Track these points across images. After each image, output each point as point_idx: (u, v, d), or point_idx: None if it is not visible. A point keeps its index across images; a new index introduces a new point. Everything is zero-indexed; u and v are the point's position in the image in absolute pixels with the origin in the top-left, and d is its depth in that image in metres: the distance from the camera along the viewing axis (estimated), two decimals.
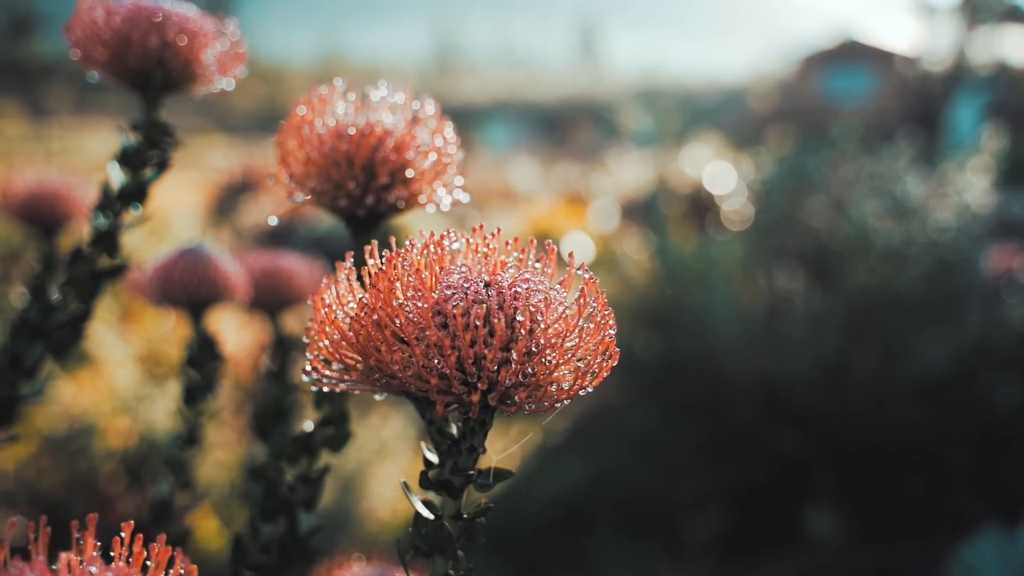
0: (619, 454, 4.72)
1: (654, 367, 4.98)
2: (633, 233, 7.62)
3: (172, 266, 1.37)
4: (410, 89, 0.96)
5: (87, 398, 4.20)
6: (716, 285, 4.90)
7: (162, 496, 1.16)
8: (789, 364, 4.33)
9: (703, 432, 4.52)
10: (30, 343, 1.02)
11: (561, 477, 4.66)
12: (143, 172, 1.06)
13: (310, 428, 0.94)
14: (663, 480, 4.42)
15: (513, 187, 13.47)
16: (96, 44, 1.02)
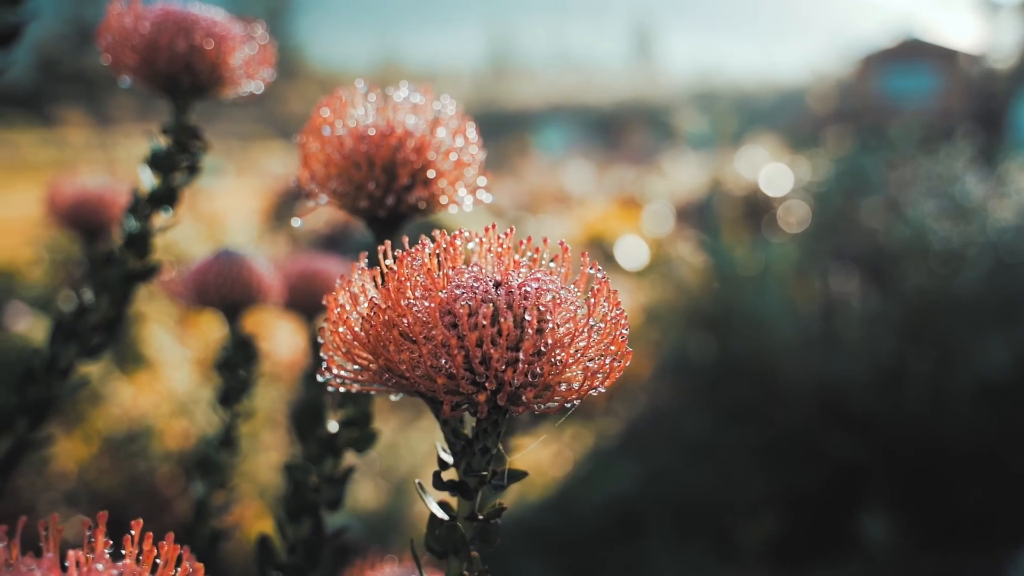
0: (673, 458, 4.68)
1: (708, 370, 4.94)
2: (687, 236, 7.57)
3: (207, 269, 1.39)
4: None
5: (145, 401, 4.28)
6: (770, 288, 4.85)
7: (199, 497, 1.18)
8: (844, 368, 4.26)
9: (757, 436, 4.46)
10: (64, 345, 1.04)
11: (614, 481, 4.64)
12: (174, 176, 1.07)
13: (334, 429, 0.94)
14: (717, 484, 4.38)
15: (567, 191, 13.45)
16: (126, 49, 1.03)
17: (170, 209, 1.08)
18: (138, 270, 1.07)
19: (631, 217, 9.88)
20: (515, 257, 0.68)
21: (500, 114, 33.94)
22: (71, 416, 4.12)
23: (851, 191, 5.54)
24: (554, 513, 4.57)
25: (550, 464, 5.15)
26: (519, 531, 4.35)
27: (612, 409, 5.79)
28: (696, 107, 22.73)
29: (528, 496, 4.78)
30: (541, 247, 0.69)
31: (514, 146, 20.36)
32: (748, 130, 14.40)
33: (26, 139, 23.51)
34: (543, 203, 12.28)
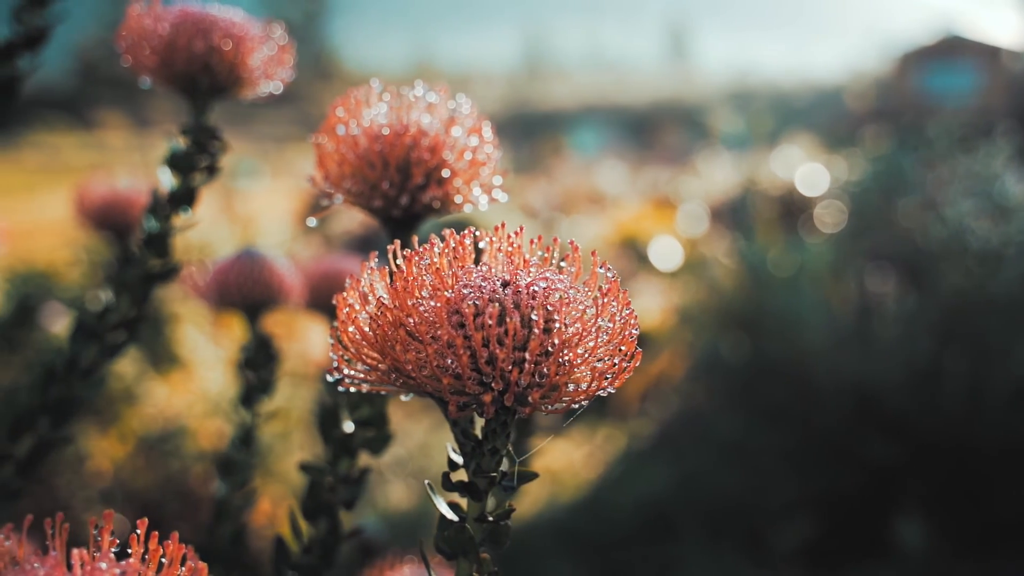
0: (705, 459, 4.65)
1: (741, 371, 4.91)
2: (722, 237, 7.53)
3: (228, 269, 1.40)
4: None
5: (180, 400, 4.32)
6: (804, 288, 4.81)
7: (220, 496, 1.18)
8: (879, 369, 4.22)
9: (790, 438, 4.43)
10: (85, 344, 1.05)
11: (646, 482, 4.62)
12: (193, 176, 1.08)
13: (350, 430, 0.94)
14: (749, 486, 4.35)
15: (601, 191, 13.42)
16: (145, 50, 1.04)
17: (189, 209, 1.09)
18: (158, 270, 1.08)
19: (665, 218, 9.83)
20: (525, 256, 0.67)
21: (534, 115, 33.93)
22: (107, 415, 4.17)
23: (888, 190, 5.48)
24: (586, 514, 4.56)
25: (582, 465, 5.14)
26: (551, 532, 4.35)
27: (645, 410, 5.77)
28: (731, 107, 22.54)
29: (560, 497, 4.77)
30: (552, 246, 0.68)
31: (548, 147, 20.34)
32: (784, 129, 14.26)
33: (66, 142, 23.84)
34: (577, 204, 12.26)
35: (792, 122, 19.17)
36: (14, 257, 5.50)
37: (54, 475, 4.02)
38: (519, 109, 36.41)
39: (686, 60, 63.37)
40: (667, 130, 24.61)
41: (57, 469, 4.02)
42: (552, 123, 28.98)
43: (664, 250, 7.95)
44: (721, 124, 15.62)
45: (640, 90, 40.45)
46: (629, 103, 36.48)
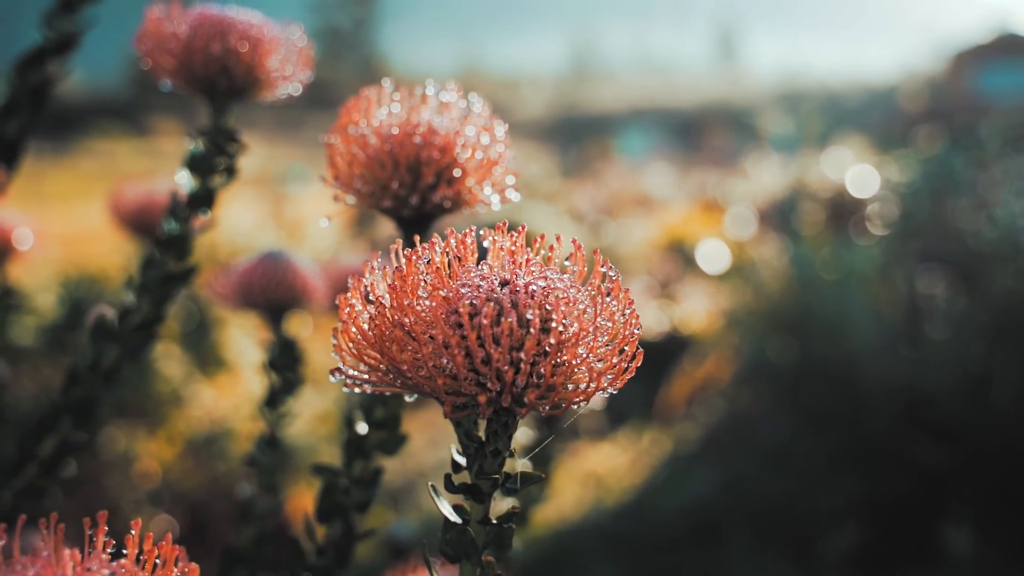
0: (751, 464, 4.61)
1: (788, 375, 4.85)
2: (770, 239, 7.45)
3: (252, 271, 1.40)
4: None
5: (226, 403, 4.37)
6: (853, 290, 4.74)
7: (244, 498, 1.19)
8: (929, 372, 4.14)
9: (838, 442, 4.37)
10: (106, 346, 1.06)
11: (692, 487, 4.58)
12: (212, 178, 1.08)
13: (363, 431, 0.94)
14: (796, 491, 4.29)
15: (648, 194, 13.34)
16: (164, 53, 1.05)
17: (208, 211, 1.09)
18: (177, 272, 1.08)
19: (713, 220, 9.76)
20: (528, 255, 0.66)
21: (581, 118, 33.87)
22: (155, 418, 4.23)
23: (939, 192, 5.40)
24: (631, 518, 4.53)
25: (627, 469, 5.11)
26: (595, 536, 4.33)
27: (691, 414, 5.73)
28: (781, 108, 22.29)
29: (605, 501, 4.75)
30: (556, 245, 0.67)
31: (595, 150, 20.30)
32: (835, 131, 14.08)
33: (121, 148, 24.26)
34: (624, 207, 12.21)
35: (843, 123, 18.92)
36: (68, 262, 5.61)
37: (103, 475, 4.09)
38: (566, 112, 36.37)
39: (735, 62, 62.87)
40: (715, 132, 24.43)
41: (106, 470, 4.09)
42: (599, 126, 28.91)
43: (711, 253, 7.89)
44: (770, 126, 15.48)
45: (688, 92, 40.19)
46: (677, 106, 36.27)
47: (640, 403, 6.06)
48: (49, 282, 5.10)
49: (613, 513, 4.63)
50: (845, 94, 37.47)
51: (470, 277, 0.62)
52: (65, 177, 18.16)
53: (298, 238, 6.89)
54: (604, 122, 31.32)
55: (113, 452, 4.08)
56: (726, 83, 46.49)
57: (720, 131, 24.64)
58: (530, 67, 61.93)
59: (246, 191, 10.65)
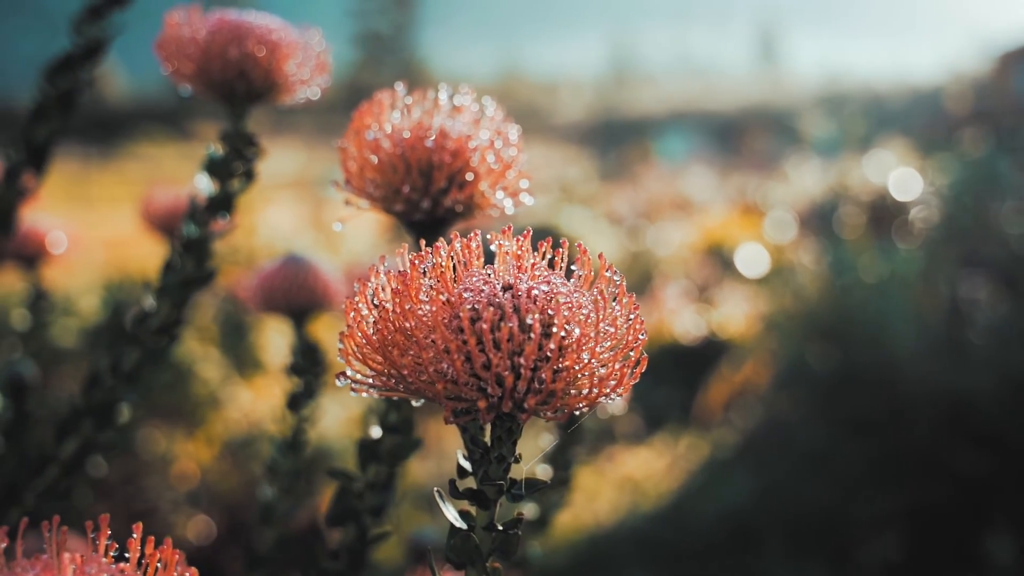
0: (789, 470, 4.56)
1: (826, 381, 4.80)
2: (810, 243, 7.39)
3: (274, 275, 1.41)
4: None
5: (263, 405, 4.40)
6: (893, 295, 4.68)
7: (265, 501, 1.19)
8: (971, 378, 4.08)
9: (877, 449, 4.31)
10: (127, 349, 1.07)
11: (729, 492, 4.55)
12: (230, 182, 1.09)
13: (377, 435, 0.94)
14: (834, 498, 4.24)
15: (688, 198, 13.28)
16: (183, 58, 1.06)
17: (227, 215, 1.10)
18: (196, 275, 1.09)
19: (752, 224, 9.69)
20: (534, 259, 0.66)
21: (621, 121, 33.77)
22: (193, 419, 4.27)
23: (983, 195, 5.32)
24: (666, 524, 4.51)
25: (664, 474, 5.09)
26: (631, 541, 4.32)
27: (729, 419, 5.69)
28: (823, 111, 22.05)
29: (641, 506, 4.73)
30: (562, 250, 0.67)
31: (634, 153, 20.23)
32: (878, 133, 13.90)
33: (166, 153, 24.56)
34: (662, 210, 12.16)
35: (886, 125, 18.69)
36: (111, 265, 5.69)
37: (142, 476, 4.13)
38: (606, 116, 36.28)
39: (776, 64, 62.33)
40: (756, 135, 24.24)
41: (145, 470, 4.14)
42: (639, 130, 28.80)
43: (750, 257, 7.84)
44: (812, 128, 15.33)
45: (728, 95, 39.92)
46: (717, 108, 36.04)
47: (677, 408, 6.03)
48: (93, 285, 5.18)
49: (649, 518, 4.60)
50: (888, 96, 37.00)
51: (473, 281, 0.61)
52: (111, 181, 18.43)
53: (336, 242, 6.93)
54: (643, 125, 31.20)
55: (152, 453, 4.13)
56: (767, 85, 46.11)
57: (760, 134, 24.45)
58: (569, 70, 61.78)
59: (285, 195, 10.74)
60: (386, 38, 46.03)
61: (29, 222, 1.92)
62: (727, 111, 34.67)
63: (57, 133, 1.29)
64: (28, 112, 1.26)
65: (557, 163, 18.55)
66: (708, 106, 37.12)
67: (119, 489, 4.13)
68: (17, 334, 1.76)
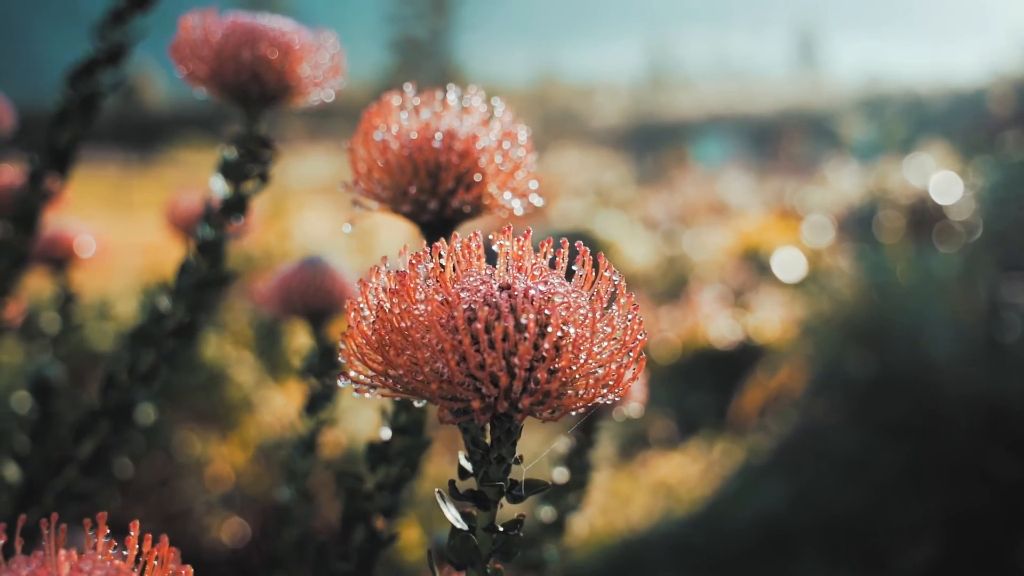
0: (824, 476, 4.52)
1: (863, 386, 4.75)
2: (848, 247, 7.32)
3: (291, 277, 1.41)
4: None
5: (296, 408, 4.42)
6: (931, 299, 4.63)
7: (283, 502, 1.20)
8: (1010, 383, 4.02)
9: (914, 454, 4.26)
10: (143, 350, 1.08)
11: (763, 498, 4.52)
12: (244, 185, 1.10)
13: (387, 436, 0.94)
14: (870, 504, 4.20)
15: (724, 202, 13.19)
16: (197, 61, 1.07)
17: (241, 217, 1.11)
18: (210, 278, 1.10)
19: (789, 228, 9.61)
20: (533, 260, 0.65)
21: (657, 125, 33.63)
22: (227, 422, 4.31)
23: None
24: (700, 529, 4.48)
25: (698, 479, 5.06)
26: (664, 546, 4.30)
27: (764, 424, 5.64)
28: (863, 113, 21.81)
29: (675, 511, 4.71)
30: (563, 250, 0.66)
31: (671, 157, 20.15)
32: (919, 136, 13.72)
33: (204, 159, 24.80)
34: (698, 215, 12.10)
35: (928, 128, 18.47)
36: (149, 270, 5.76)
37: (177, 478, 4.17)
38: (642, 120, 36.14)
39: (815, 67, 61.79)
40: (794, 139, 24.03)
41: (181, 473, 4.18)
42: (675, 133, 28.68)
43: (787, 261, 7.78)
44: (851, 132, 15.17)
45: (766, 99, 39.60)
46: (755, 112, 35.77)
47: (712, 412, 6.00)
48: (130, 289, 5.24)
49: (682, 523, 4.58)
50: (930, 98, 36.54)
51: (471, 281, 0.61)
52: (151, 187, 18.65)
53: (370, 245, 6.96)
54: (680, 129, 31.06)
55: (187, 456, 4.17)
56: (806, 88, 45.67)
57: (798, 138, 24.23)
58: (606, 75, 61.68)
59: (321, 199, 10.79)
60: (423, 43, 46.22)
61: (58, 226, 1.95)
62: (765, 114, 34.39)
63: (80, 137, 1.31)
64: (51, 116, 1.28)
65: (593, 167, 18.51)
66: (745, 109, 36.85)
67: (155, 491, 4.17)
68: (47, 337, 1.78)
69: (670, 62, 60.67)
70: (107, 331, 4.39)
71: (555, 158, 19.95)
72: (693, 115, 36.68)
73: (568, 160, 19.85)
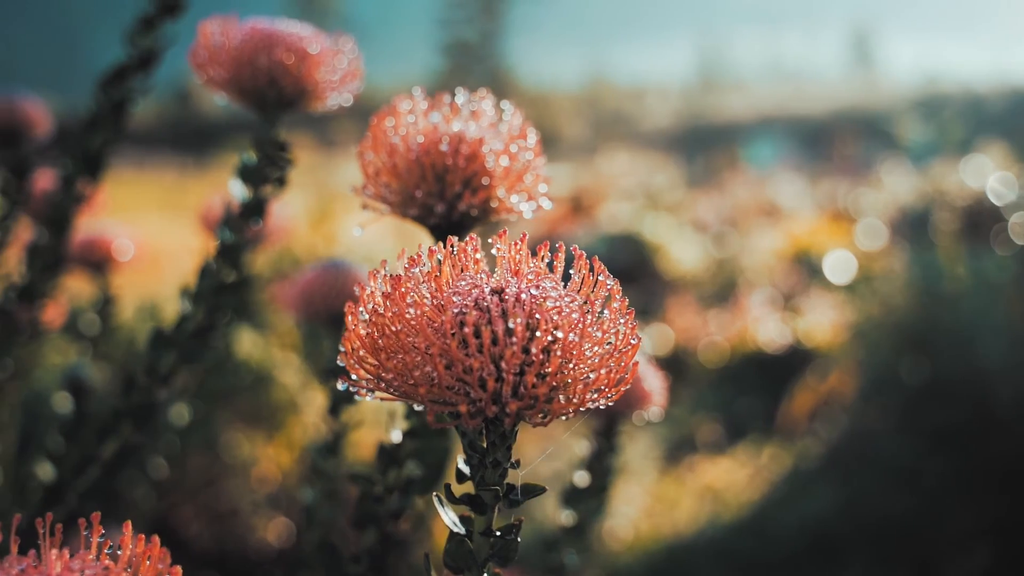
0: (874, 482, 4.45)
1: (914, 391, 4.67)
2: (901, 250, 7.21)
3: (313, 281, 1.42)
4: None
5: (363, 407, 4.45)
6: (985, 303, 4.54)
7: (307, 504, 1.20)
8: None
9: (966, 462, 4.18)
10: (163, 352, 1.09)
11: (811, 504, 4.46)
12: (263, 188, 1.11)
13: (398, 439, 0.94)
14: (921, 512, 4.13)
15: (776, 204, 13.06)
16: (216, 67, 1.08)
17: (260, 220, 1.12)
18: (231, 282, 1.11)
19: (842, 231, 9.49)
20: (530, 264, 0.65)
21: (708, 127, 33.41)
22: (273, 424, 4.35)
23: None
24: (747, 534, 4.44)
25: (746, 485, 5.01)
26: (710, 551, 4.27)
27: (813, 430, 5.57)
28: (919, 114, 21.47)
29: (722, 516, 4.67)
30: (560, 253, 0.66)
31: (722, 160, 20.00)
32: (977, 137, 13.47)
33: None
34: (749, 217, 12.00)
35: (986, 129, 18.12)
36: None
37: (224, 479, 4.23)
38: (693, 122, 35.93)
39: (871, 67, 60.86)
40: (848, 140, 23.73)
41: (227, 473, 4.23)
42: (727, 136, 28.45)
43: (838, 264, 7.69)
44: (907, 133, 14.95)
45: (820, 100, 39.11)
46: (808, 113, 35.36)
47: (760, 417, 5.94)
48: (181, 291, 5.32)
49: (729, 528, 4.54)
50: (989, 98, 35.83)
51: (463, 285, 0.61)
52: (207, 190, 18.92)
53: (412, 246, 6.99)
54: (731, 131, 30.81)
55: (234, 456, 4.22)
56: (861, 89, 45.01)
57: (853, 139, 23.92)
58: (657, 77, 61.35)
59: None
60: (474, 46, 46.34)
61: (96, 230, 1.99)
62: (818, 116, 33.98)
63: (112, 142, 1.33)
64: (83, 122, 1.30)
65: (643, 170, 18.43)
66: (798, 111, 36.44)
67: (202, 491, 4.23)
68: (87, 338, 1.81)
69: (722, 63, 60.25)
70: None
71: (605, 160, 19.91)
72: (745, 117, 36.39)
73: (618, 162, 19.79)
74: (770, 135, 30.05)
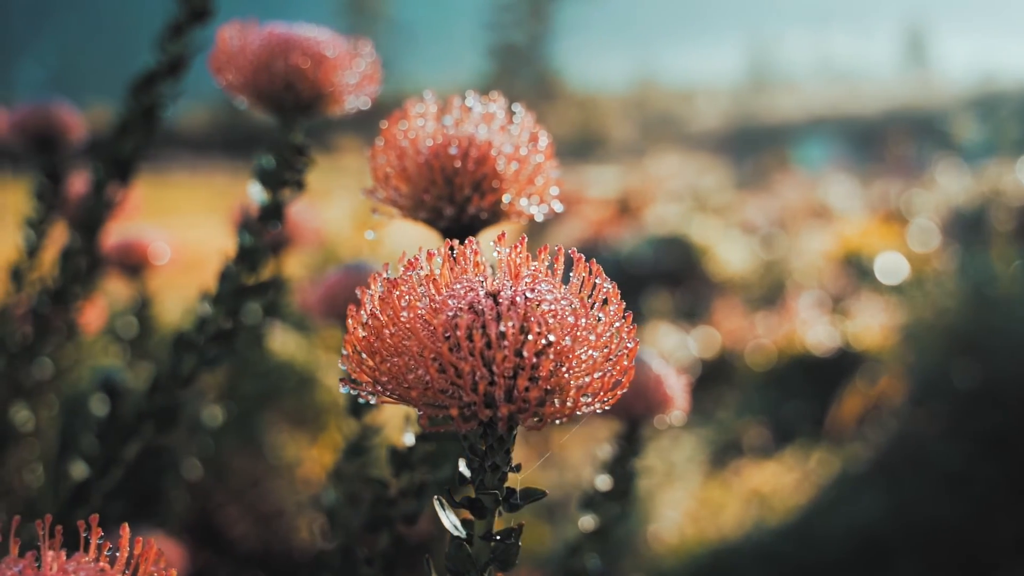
0: (923, 488, 4.38)
1: (964, 396, 4.59)
2: (954, 252, 7.09)
3: (336, 284, 1.42)
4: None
5: (384, 411, 4.48)
6: None
7: (327, 506, 1.21)
8: None
9: (1019, 467, 4.09)
10: (184, 356, 1.10)
11: (859, 509, 4.40)
12: (282, 192, 1.11)
13: (410, 442, 0.94)
14: (972, 518, 4.05)
15: (826, 206, 12.91)
16: (233, 71, 1.09)
17: (278, 224, 1.12)
18: (251, 285, 1.12)
19: (893, 232, 9.36)
20: (529, 267, 0.64)
21: (758, 128, 33.11)
22: (317, 425, 4.39)
23: None
24: (793, 539, 4.39)
25: (793, 489, 4.96)
26: (756, 556, 4.24)
27: (862, 434, 5.50)
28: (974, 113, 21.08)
29: (768, 521, 4.63)
30: (560, 256, 0.65)
31: (771, 161, 19.82)
32: None
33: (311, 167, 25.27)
34: (799, 219, 11.88)
35: None
36: None
37: (269, 479, 4.27)
38: (743, 123, 35.62)
39: (924, 66, 59.91)
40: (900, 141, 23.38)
41: (272, 474, 4.27)
42: (776, 137, 28.19)
43: (889, 266, 7.58)
44: (962, 132, 14.70)
45: (872, 99, 38.56)
46: (860, 113, 34.89)
47: (808, 421, 5.87)
48: None
49: (775, 533, 4.50)
50: None
51: (458, 288, 0.61)
52: None
53: None
54: (781, 132, 30.52)
55: (279, 458, 4.26)
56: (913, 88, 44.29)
57: (905, 139, 23.56)
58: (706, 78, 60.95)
59: None
60: (522, 49, 46.40)
61: (133, 233, 2.02)
62: (870, 116, 33.52)
63: (142, 147, 1.35)
64: (114, 128, 1.33)
65: (691, 171, 18.32)
66: (850, 111, 35.97)
67: (248, 492, 4.27)
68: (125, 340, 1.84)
69: (772, 64, 59.71)
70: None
71: (653, 162, 19.81)
72: (795, 117, 36.01)
73: (666, 164, 19.69)
74: (821, 136, 29.71)
